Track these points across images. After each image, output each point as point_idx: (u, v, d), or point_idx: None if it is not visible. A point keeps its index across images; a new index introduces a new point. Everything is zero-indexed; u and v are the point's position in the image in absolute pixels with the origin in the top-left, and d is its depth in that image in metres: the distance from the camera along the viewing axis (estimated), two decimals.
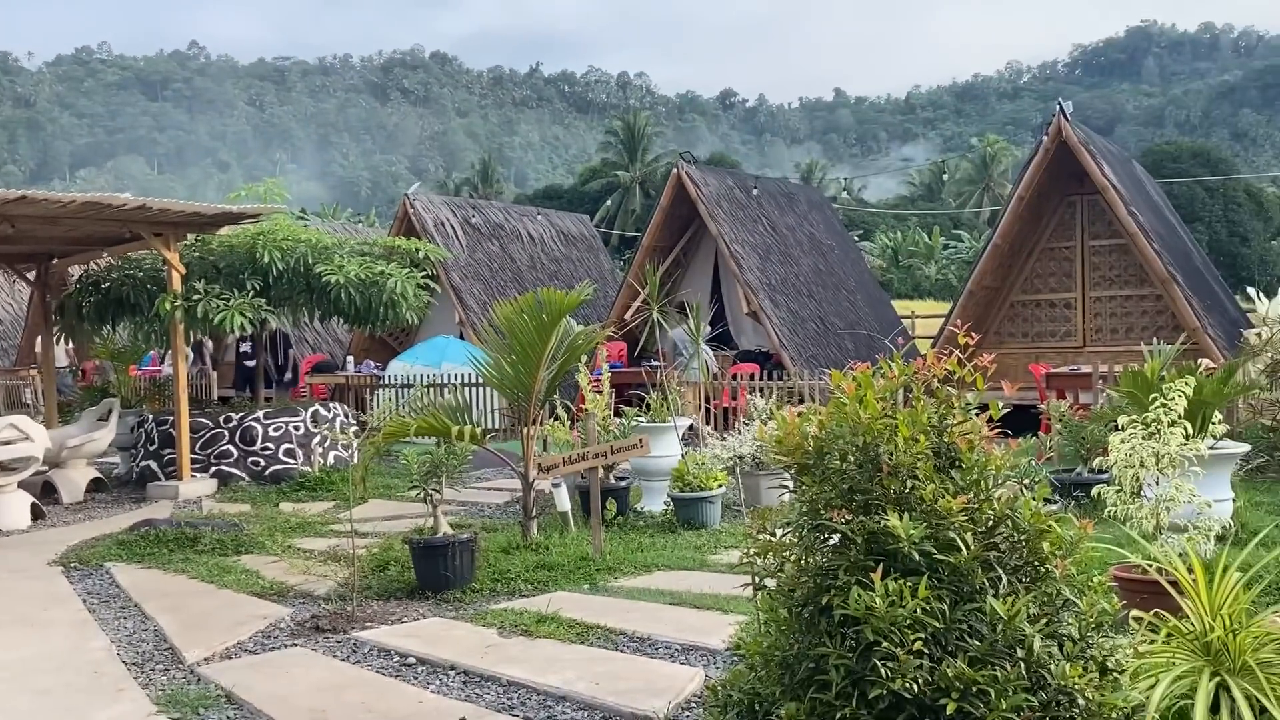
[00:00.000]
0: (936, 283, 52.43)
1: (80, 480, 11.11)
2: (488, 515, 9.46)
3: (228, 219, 11.00)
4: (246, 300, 10.92)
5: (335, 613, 6.27)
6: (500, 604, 6.37)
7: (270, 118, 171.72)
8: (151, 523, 8.60)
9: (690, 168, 16.60)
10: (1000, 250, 14.13)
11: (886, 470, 2.80)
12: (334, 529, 9.02)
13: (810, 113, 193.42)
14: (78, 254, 12.07)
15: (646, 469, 9.10)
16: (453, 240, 18.06)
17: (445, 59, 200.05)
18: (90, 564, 7.84)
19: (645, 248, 16.79)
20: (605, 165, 63.35)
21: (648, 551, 7.56)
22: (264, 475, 11.44)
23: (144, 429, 11.91)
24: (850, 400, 2.88)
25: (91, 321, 12.11)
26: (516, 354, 7.42)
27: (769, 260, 16.58)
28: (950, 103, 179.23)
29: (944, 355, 3.17)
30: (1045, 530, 2.90)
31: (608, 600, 6.36)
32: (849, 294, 18.55)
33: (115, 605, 6.73)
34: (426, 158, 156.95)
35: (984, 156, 67.39)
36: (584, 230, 22.27)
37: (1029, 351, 14.51)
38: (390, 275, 11.56)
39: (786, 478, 3.09)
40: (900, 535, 2.67)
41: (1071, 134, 13.15)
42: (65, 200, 9.32)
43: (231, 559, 7.85)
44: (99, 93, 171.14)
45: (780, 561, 2.92)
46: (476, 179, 70.92)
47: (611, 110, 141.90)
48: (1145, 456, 5.43)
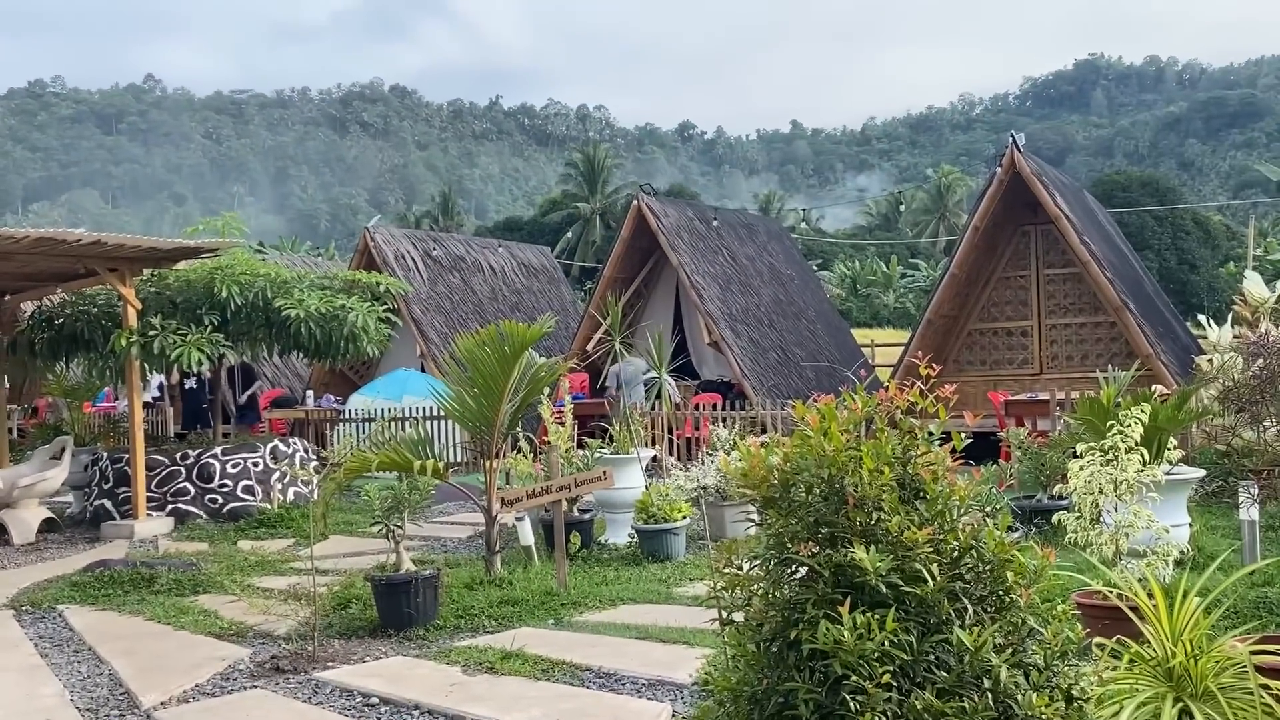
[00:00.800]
0: (895, 311, 53.02)
1: (32, 520, 10.87)
2: (450, 550, 9.38)
3: (185, 253, 10.89)
4: (204, 335, 10.79)
5: (296, 653, 6.16)
6: (464, 641, 6.30)
7: (227, 151, 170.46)
8: (106, 563, 8.42)
9: (650, 199, 16.70)
10: (957, 279, 14.33)
11: (852, 502, 2.81)
12: (294, 566, 8.88)
13: (768, 144, 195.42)
14: (31, 290, 11.87)
15: (610, 501, 9.07)
16: (414, 273, 17.99)
17: (405, 92, 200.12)
18: (42, 606, 7.66)
19: (606, 279, 16.83)
20: (565, 197, 63.54)
21: (612, 585, 7.52)
22: (222, 513, 11.26)
23: (98, 467, 11.70)
24: (814, 432, 2.90)
25: (44, 358, 11.91)
26: (479, 387, 7.39)
27: (730, 290, 16.67)
28: (905, 134, 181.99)
29: (906, 386, 3.20)
30: (1009, 559, 2.92)
31: (573, 635, 6.31)
32: (809, 323, 18.69)
33: (68, 649, 6.57)
34: (386, 190, 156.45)
35: (939, 187, 68.42)
36: (545, 262, 22.29)
37: (987, 379, 14.70)
38: (351, 309, 11.49)
39: (751, 509, 3.10)
40: (867, 568, 2.68)
41: (1024, 165, 13.40)
42: (18, 236, 9.18)
43: (189, 599, 7.70)
44: (52, 126, 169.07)
45: (748, 595, 2.92)
46: (437, 211, 70.80)
47: (571, 142, 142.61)
48: (1104, 483, 5.51)
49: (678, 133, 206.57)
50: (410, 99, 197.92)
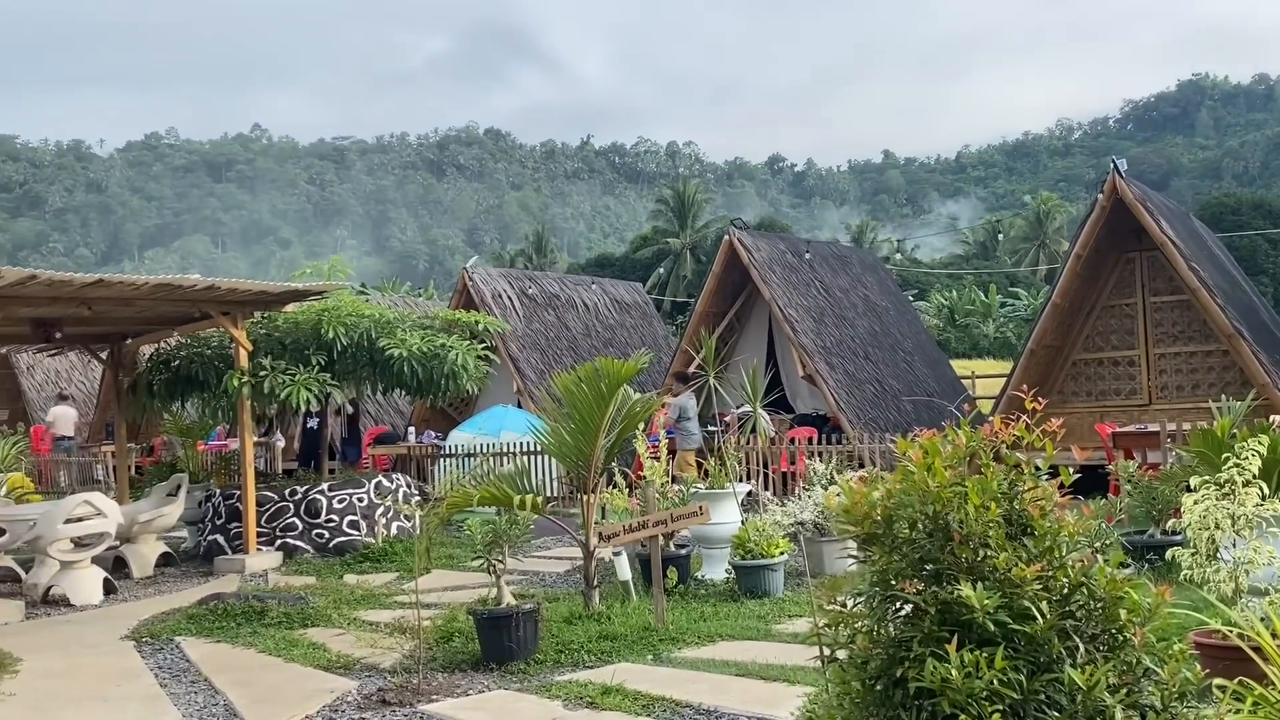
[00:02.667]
0: (995, 341, 51.88)
1: (150, 555, 11.32)
2: (549, 585, 9.46)
3: (293, 296, 11.30)
4: (312, 375, 11.15)
5: (401, 685, 6.28)
6: (564, 675, 6.35)
7: (330, 195, 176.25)
8: (219, 596, 8.72)
9: (742, 233, 16.74)
10: (1060, 309, 13.98)
11: (958, 539, 2.79)
12: (398, 600, 9.07)
13: (859, 175, 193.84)
14: (149, 333, 12.44)
15: (707, 536, 9.05)
16: (510, 311, 18.32)
17: (499, 134, 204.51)
18: (161, 638, 7.96)
19: (699, 314, 16.88)
20: (656, 233, 63.99)
21: (711, 621, 7.50)
22: (328, 547, 11.56)
23: (211, 503, 12.13)
24: (918, 467, 2.88)
25: (161, 399, 12.44)
26: (575, 422, 7.48)
27: (823, 323, 16.56)
28: (1001, 161, 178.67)
29: (1010, 419, 3.16)
30: (1122, 597, 2.85)
31: (672, 671, 6.31)
32: (906, 355, 18.43)
33: (186, 679, 6.81)
34: (482, 230, 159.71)
35: (1038, 214, 66.95)
36: (637, 298, 22.46)
37: (1094, 411, 14.27)
38: (451, 348, 11.75)
39: (853, 546, 3.09)
40: (974, 605, 2.64)
41: (1127, 190, 13.06)
42: (139, 283, 9.65)
43: (298, 632, 7.92)
44: (166, 176, 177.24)
45: (852, 633, 2.90)
46: (531, 250, 71.96)
47: (661, 179, 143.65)
48: (1220, 518, 5.30)
49: (767, 166, 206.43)
50: (504, 141, 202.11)
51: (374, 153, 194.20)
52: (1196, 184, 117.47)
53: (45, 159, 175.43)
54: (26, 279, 8.68)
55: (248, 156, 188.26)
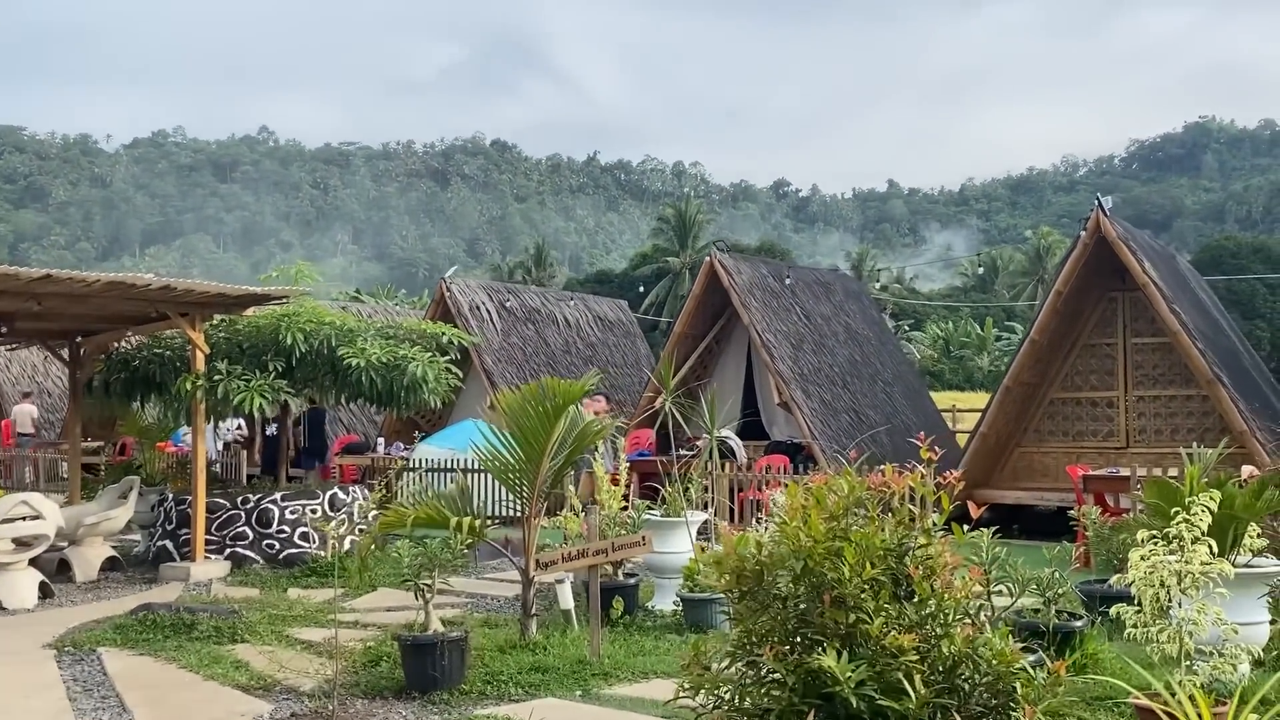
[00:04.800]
0: (989, 374, 51.73)
1: (95, 558, 11.05)
2: (493, 609, 9.20)
3: (253, 300, 11.07)
4: (267, 381, 10.91)
5: (315, 711, 6.04)
6: (486, 708, 6.11)
7: (333, 200, 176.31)
8: (150, 607, 8.46)
9: (724, 256, 16.53)
10: (1038, 345, 13.76)
11: (828, 600, 2.55)
12: (334, 618, 8.80)
13: (863, 202, 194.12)
14: (107, 332, 12.20)
15: (657, 566, 8.80)
16: (487, 324, 18.10)
17: (505, 146, 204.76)
18: (83, 648, 7.70)
19: (676, 335, 16.66)
20: (656, 251, 63.86)
21: (649, 655, 7.24)
22: (278, 559, 11.30)
23: (163, 507, 11.87)
24: (791, 519, 2.65)
25: (119, 398, 12.19)
26: (518, 441, 7.25)
27: (802, 350, 16.34)
28: (1004, 195, 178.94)
29: (905, 468, 2.92)
30: (1014, 673, 2.61)
31: (597, 710, 6.06)
32: (885, 385, 18.20)
33: (97, 695, 6.56)
34: (484, 241, 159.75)
35: (1038, 249, 66.84)
36: (621, 315, 22.24)
37: (1069, 451, 14.02)
38: (412, 359, 11.52)
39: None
40: (838, 675, 2.40)
41: (1110, 229, 12.86)
42: (90, 280, 9.43)
43: (225, 648, 7.65)
44: (171, 174, 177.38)
45: (715, 700, 2.66)
46: (530, 262, 71.80)
47: (666, 198, 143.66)
48: (1166, 575, 5.06)
49: (772, 190, 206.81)
50: (510, 153, 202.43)
51: (379, 159, 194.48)
52: (1199, 226, 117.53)
53: (51, 152, 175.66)
54: None
55: (253, 158, 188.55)
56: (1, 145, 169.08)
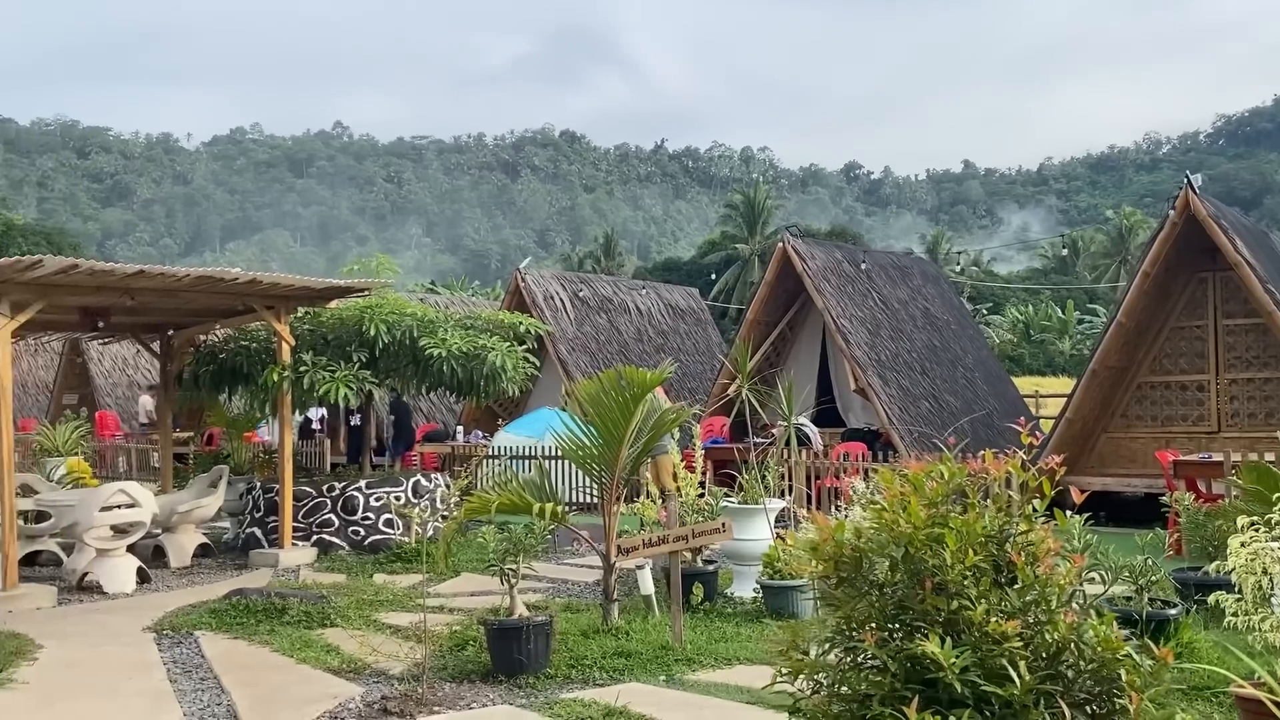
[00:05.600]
0: (1071, 358, 50.56)
1: (188, 545, 11.40)
2: (575, 594, 9.29)
3: (336, 293, 11.29)
4: (351, 372, 11.13)
5: (405, 694, 6.15)
6: (572, 693, 6.17)
7: (407, 194, 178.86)
8: (243, 592, 8.70)
9: (796, 241, 16.40)
10: (1124, 329, 13.38)
11: (930, 586, 2.52)
12: (421, 604, 8.96)
13: (937, 184, 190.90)
14: (195, 325, 12.55)
15: (737, 553, 8.80)
16: (561, 313, 18.23)
17: (574, 137, 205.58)
18: (181, 631, 7.95)
19: (749, 322, 16.58)
20: (724, 238, 63.64)
21: (731, 642, 7.25)
22: (363, 545, 11.54)
23: (251, 496, 12.19)
24: (890, 505, 2.62)
25: (208, 390, 12.53)
26: (597, 429, 7.29)
27: (879, 335, 16.14)
28: (1084, 174, 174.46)
29: (1006, 454, 2.88)
30: (1119, 659, 2.56)
31: (682, 695, 6.08)
32: (966, 371, 17.90)
33: (196, 676, 6.77)
34: (554, 231, 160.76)
35: (1120, 229, 65.10)
36: (692, 303, 22.21)
37: (1158, 436, 13.63)
38: (491, 349, 11.65)
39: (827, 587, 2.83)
40: (941, 662, 2.38)
41: (1200, 207, 12.44)
42: (180, 274, 9.71)
43: (315, 632, 7.84)
44: (249, 170, 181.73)
45: (814, 685, 2.65)
46: (600, 252, 72.11)
47: (734, 184, 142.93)
48: (1269, 562, 4.91)
49: (843, 173, 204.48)
50: (579, 143, 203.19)
51: (451, 152, 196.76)
52: None
53: (135, 151, 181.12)
54: (68, 268, 8.77)
55: (328, 153, 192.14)
56: (89, 146, 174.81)
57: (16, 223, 44.40)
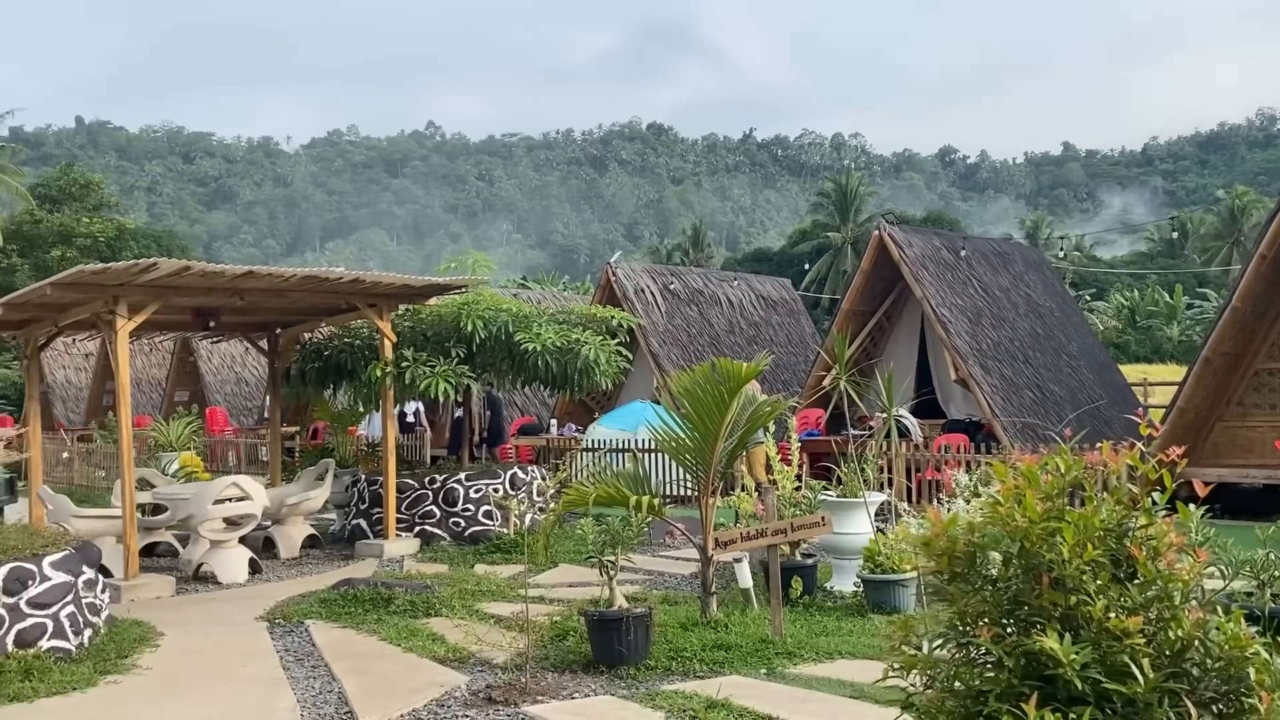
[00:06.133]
0: (1179, 345, 48.74)
1: (297, 536, 11.76)
2: (671, 587, 9.31)
3: (435, 290, 11.51)
4: (450, 367, 11.35)
5: (509, 683, 6.25)
6: (673, 684, 6.19)
7: (498, 191, 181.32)
8: (351, 582, 8.94)
9: (893, 229, 16.13)
10: (1240, 313, 12.84)
11: (1047, 581, 2.47)
12: (521, 594, 9.08)
13: (1036, 167, 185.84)
14: (302, 324, 12.93)
15: (836, 546, 8.71)
16: (652, 306, 18.27)
17: (661, 129, 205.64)
18: (292, 620, 8.21)
19: (844, 312, 16.37)
20: (816, 227, 62.87)
21: (832, 636, 7.19)
22: (464, 536, 11.76)
23: (356, 488, 12.52)
24: (1005, 499, 2.57)
25: (314, 386, 12.91)
26: (693, 423, 7.28)
27: (980, 324, 15.79)
28: (1192, 153, 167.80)
29: (1124, 445, 2.79)
30: (1247, 657, 2.46)
31: (784, 688, 6.05)
32: (1070, 359, 17.40)
33: (308, 664, 6.99)
34: (642, 225, 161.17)
35: (1232, 210, 62.38)
36: (784, 294, 22.03)
37: (1277, 425, 13.06)
38: (584, 343, 11.75)
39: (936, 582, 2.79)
40: (1060, 658, 2.33)
41: None
42: (287, 274, 10.01)
43: (420, 621, 8.02)
44: (347, 171, 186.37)
45: (927, 680, 2.62)
46: (688, 244, 71.92)
47: (825, 171, 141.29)
48: None
49: (937, 157, 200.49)
50: (666, 135, 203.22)
51: (540, 149, 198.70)
52: None
53: (238, 155, 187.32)
54: (181, 270, 9.11)
55: (422, 153, 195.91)
56: (194, 151, 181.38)
57: (128, 227, 46.33)
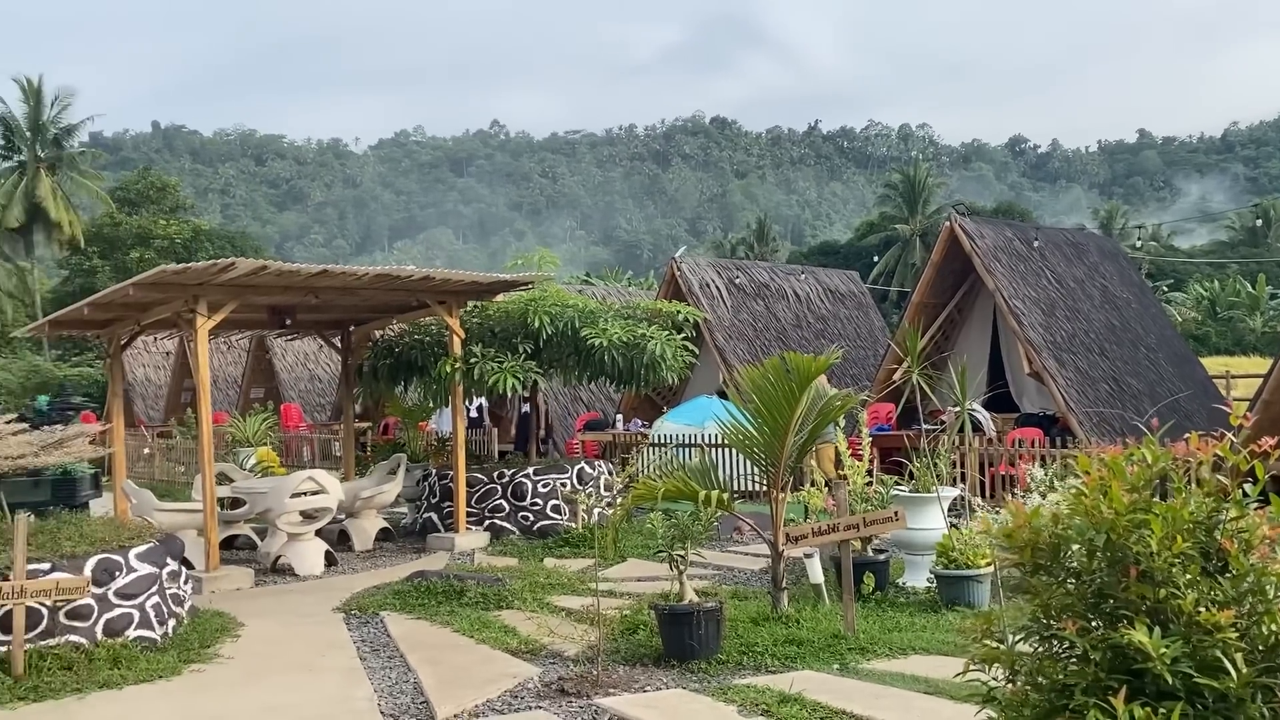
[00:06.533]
0: (1263, 336, 47.21)
1: (370, 529, 11.97)
2: (741, 582, 9.29)
3: (503, 286, 11.62)
4: (518, 363, 11.45)
5: (581, 676, 6.30)
6: (744, 679, 6.18)
7: (561, 188, 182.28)
8: (424, 574, 9.08)
9: (964, 220, 15.87)
10: None
11: (1135, 574, 2.41)
12: (590, 588, 9.15)
13: (1110, 156, 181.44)
14: (373, 321, 13.15)
15: (909, 542, 8.61)
16: (717, 301, 18.22)
17: (724, 123, 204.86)
18: (368, 612, 8.37)
19: (914, 305, 16.15)
20: (883, 219, 62.18)
21: (905, 632, 7.12)
22: (533, 530, 11.86)
23: (427, 482, 12.70)
24: (1090, 490, 2.52)
25: (385, 382, 13.12)
26: (763, 418, 7.26)
27: (1054, 316, 15.47)
28: (1275, 138, 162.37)
29: (1214, 436, 2.72)
30: None
31: (857, 683, 6.02)
32: (1148, 351, 16.97)
33: (384, 654, 7.12)
34: (705, 219, 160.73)
35: None
36: (852, 287, 21.80)
37: None
38: (650, 338, 11.77)
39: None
40: (1150, 652, 2.28)
41: None
42: (360, 273, 10.19)
43: (492, 613, 8.12)
44: (414, 171, 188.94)
45: (1010, 673, 2.58)
46: (752, 238, 71.57)
47: (892, 163, 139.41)
48: None
49: (1007, 147, 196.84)
50: (730, 129, 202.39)
51: (603, 145, 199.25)
52: None
53: (308, 156, 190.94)
54: (258, 269, 9.32)
55: (486, 152, 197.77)
56: (265, 153, 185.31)
57: (203, 228, 47.59)
